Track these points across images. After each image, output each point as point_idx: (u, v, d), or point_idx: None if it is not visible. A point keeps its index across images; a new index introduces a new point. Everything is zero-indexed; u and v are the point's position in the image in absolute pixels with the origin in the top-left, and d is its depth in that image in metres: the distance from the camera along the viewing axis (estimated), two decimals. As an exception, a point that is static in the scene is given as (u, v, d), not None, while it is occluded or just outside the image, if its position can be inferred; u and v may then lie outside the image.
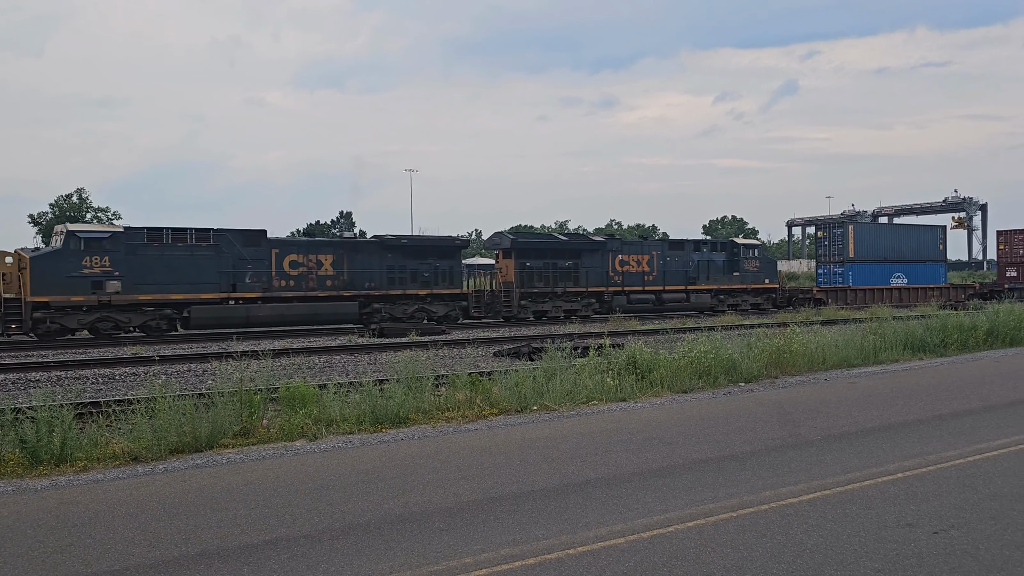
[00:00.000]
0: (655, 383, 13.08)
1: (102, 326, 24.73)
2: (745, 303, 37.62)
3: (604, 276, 34.05)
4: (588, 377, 12.63)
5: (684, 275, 36.14)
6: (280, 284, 27.41)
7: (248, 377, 11.01)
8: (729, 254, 37.97)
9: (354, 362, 18.20)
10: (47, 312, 23.88)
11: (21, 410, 8.82)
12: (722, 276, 37.24)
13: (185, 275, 25.59)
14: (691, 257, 36.66)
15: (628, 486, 7.39)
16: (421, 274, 29.99)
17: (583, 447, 9.05)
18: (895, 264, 43.81)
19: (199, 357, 18.80)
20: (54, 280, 23.86)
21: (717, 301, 36.95)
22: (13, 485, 7.70)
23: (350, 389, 11.40)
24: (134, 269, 24.87)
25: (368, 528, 6.23)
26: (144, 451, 8.70)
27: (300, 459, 8.71)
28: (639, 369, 13.36)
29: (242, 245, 26.90)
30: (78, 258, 24.28)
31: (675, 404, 12.12)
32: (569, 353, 13.85)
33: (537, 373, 12.40)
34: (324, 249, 28.77)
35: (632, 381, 12.91)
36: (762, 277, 38.49)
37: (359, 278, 28.84)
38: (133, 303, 24.99)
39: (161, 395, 9.40)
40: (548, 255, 33.16)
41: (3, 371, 16.81)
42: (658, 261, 35.63)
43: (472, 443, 9.41)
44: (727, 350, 14.51)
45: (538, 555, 5.54)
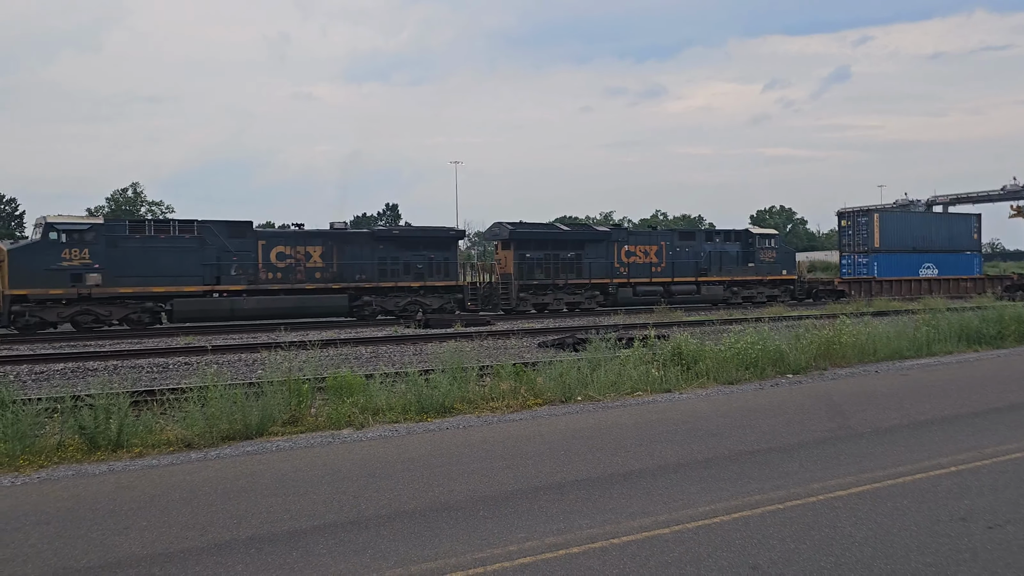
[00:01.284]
0: (701, 374, 12.97)
1: (82, 319, 24.41)
2: (761, 295, 36.54)
3: (608, 267, 33.23)
4: (633, 368, 12.57)
5: (695, 266, 35.19)
6: (267, 276, 27.01)
7: (296, 367, 11.21)
8: (744, 244, 36.85)
9: (400, 352, 18.38)
10: (26, 305, 23.64)
11: (80, 397, 9.10)
12: (736, 267, 36.20)
13: (167, 268, 25.26)
14: (703, 248, 35.66)
15: (673, 477, 7.35)
16: (415, 266, 29.43)
17: (628, 437, 9.03)
18: (924, 254, 41.94)
19: (249, 347, 19.18)
20: (33, 273, 23.57)
21: (730, 293, 35.91)
22: (73, 469, 7.96)
23: (396, 379, 11.53)
24: (114, 261, 24.55)
25: (414, 515, 6.31)
26: (197, 438, 8.92)
27: (347, 447, 8.84)
28: (684, 360, 13.26)
29: (227, 237, 26.52)
30: (57, 250, 23.97)
31: (721, 395, 12.01)
32: (614, 344, 13.79)
33: (582, 364, 12.39)
34: (313, 240, 28.10)
35: (677, 372, 12.82)
36: (779, 268, 37.31)
37: (349, 270, 28.34)
38: (113, 296, 24.67)
39: (213, 384, 9.61)
40: (549, 246, 32.42)
41: (63, 360, 17.37)
42: (667, 252, 34.74)
43: (516, 432, 9.45)
44: (774, 341, 14.32)
45: (582, 544, 5.55)
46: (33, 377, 14.92)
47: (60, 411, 8.97)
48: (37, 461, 8.10)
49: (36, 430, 8.53)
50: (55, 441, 8.57)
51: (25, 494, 7.12)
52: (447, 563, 5.25)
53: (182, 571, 5.21)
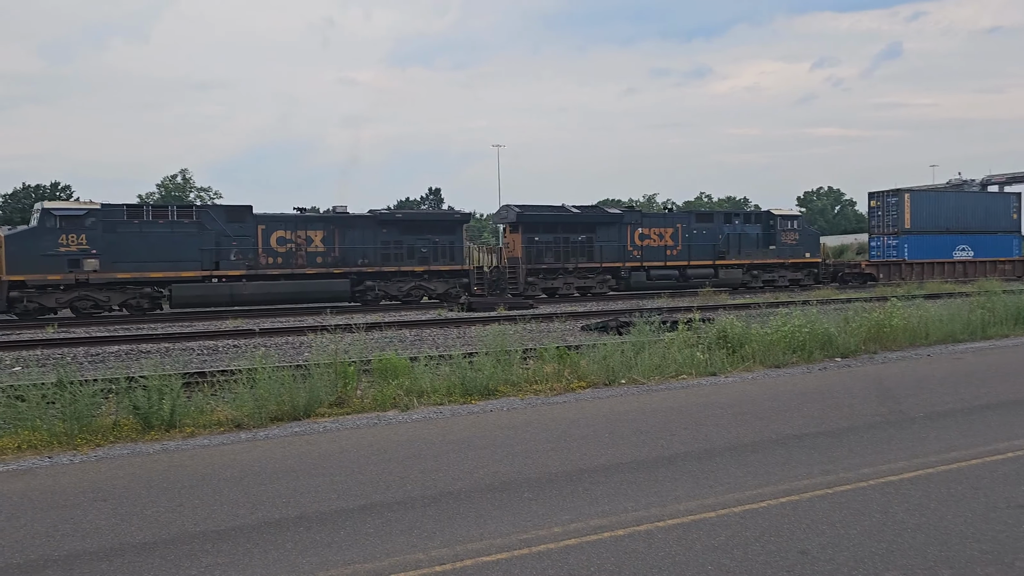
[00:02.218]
0: (747, 357, 12.82)
1: (81, 305, 24.52)
2: (783, 279, 35.55)
3: (621, 250, 32.46)
4: (677, 351, 12.48)
5: (712, 249, 34.28)
6: (267, 261, 26.81)
7: (342, 349, 11.34)
8: (765, 226, 35.81)
9: (443, 335, 18.49)
10: (24, 291, 23.80)
11: (135, 379, 9.33)
12: (756, 250, 35.19)
13: (165, 253, 25.17)
14: (721, 230, 34.71)
15: (719, 460, 7.28)
16: (419, 250, 29.02)
17: (672, 420, 8.97)
18: (959, 235, 40.01)
19: (296, 330, 19.48)
20: (30, 259, 23.65)
21: (750, 277, 34.96)
22: (128, 448, 8.19)
23: (440, 361, 11.60)
24: (112, 247, 24.56)
25: (459, 496, 6.35)
26: (246, 418, 9.10)
27: (392, 428, 8.93)
28: (730, 343, 13.12)
29: (226, 221, 26.44)
30: (54, 236, 24.02)
31: (768, 379, 11.85)
32: (658, 327, 13.70)
33: (625, 347, 12.33)
34: (314, 225, 27.92)
35: (723, 355, 12.69)
36: (802, 251, 36.17)
37: (351, 254, 28.04)
38: (111, 281, 24.70)
39: (261, 366, 9.79)
40: (559, 229, 31.67)
41: (117, 343, 17.85)
42: (683, 234, 33.88)
43: (560, 415, 9.45)
44: (822, 324, 14.07)
45: (627, 526, 5.54)
46: (89, 359, 15.36)
47: (115, 392, 9.21)
48: (94, 440, 8.35)
49: (93, 410, 8.77)
50: (111, 421, 8.82)
51: (83, 472, 7.34)
52: (492, 543, 5.28)
53: (234, 548, 5.32)
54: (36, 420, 8.44)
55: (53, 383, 8.90)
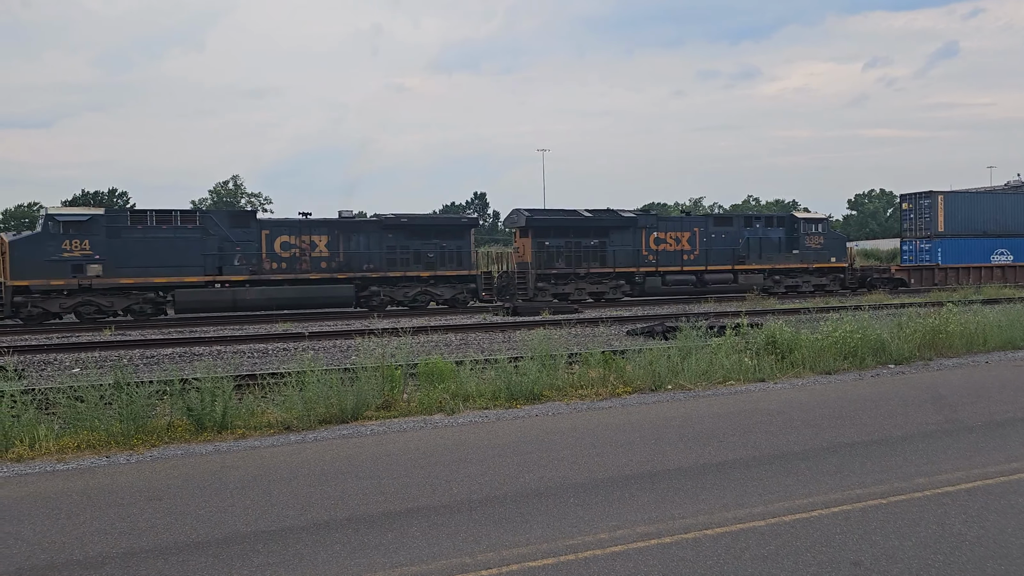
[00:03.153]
0: (796, 363, 12.61)
1: (84, 310, 24.54)
2: (807, 284, 34.30)
3: (635, 255, 31.51)
4: (725, 356, 12.33)
5: (732, 253, 33.07)
6: (271, 266, 26.60)
7: (389, 353, 11.45)
8: (788, 230, 34.61)
9: (489, 339, 18.55)
10: (28, 296, 23.87)
11: (188, 381, 9.55)
12: (778, 254, 33.95)
13: (168, 258, 25.12)
14: (741, 233, 33.59)
15: (768, 468, 7.17)
16: (425, 255, 28.47)
17: (720, 427, 8.86)
18: (998, 239, 37.92)
19: (344, 334, 19.72)
20: (34, 264, 23.70)
21: (772, 282, 33.69)
22: (182, 449, 8.38)
23: (485, 366, 11.64)
24: (115, 252, 24.53)
25: (505, 501, 6.36)
26: (295, 421, 9.24)
27: (438, 432, 8.99)
28: (779, 349, 12.93)
29: (229, 227, 26.35)
30: (58, 241, 24.07)
31: (818, 385, 11.64)
32: (705, 332, 13.55)
33: (671, 352, 12.23)
34: (318, 229, 27.52)
35: (771, 361, 12.51)
36: (827, 255, 34.74)
37: (356, 259, 27.70)
38: (115, 286, 24.68)
39: (310, 369, 9.93)
40: (570, 233, 30.87)
41: (171, 345, 18.28)
42: (700, 238, 32.77)
43: (606, 420, 9.41)
44: (874, 330, 13.78)
45: (674, 534, 5.49)
46: (144, 361, 15.75)
47: (169, 394, 9.44)
48: (149, 440, 8.56)
49: (148, 411, 9.00)
50: (165, 422, 9.04)
51: (139, 471, 7.54)
52: (538, 548, 5.28)
53: (283, 548, 5.41)
54: (95, 420, 8.69)
55: (110, 384, 9.15)
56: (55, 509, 6.36)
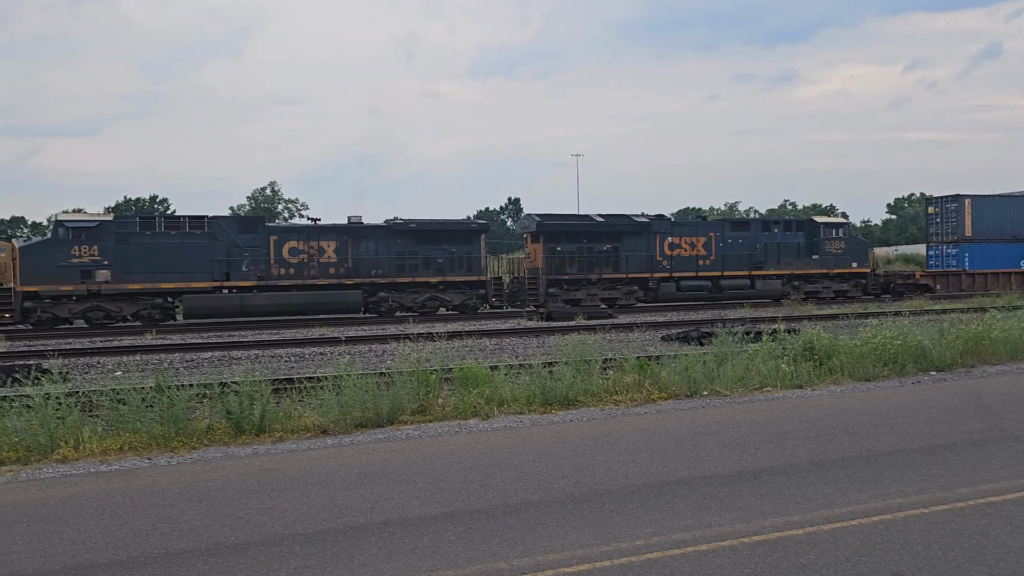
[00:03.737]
0: (834, 370, 12.44)
1: (93, 315, 24.90)
2: (827, 290, 33.57)
3: (649, 261, 31.21)
4: (762, 362, 12.20)
5: (749, 259, 32.54)
6: (279, 272, 26.71)
7: (424, 358, 11.52)
8: (808, 235, 33.91)
9: (523, 344, 18.56)
10: (37, 301, 24.27)
11: (227, 384, 9.69)
12: (797, 260, 33.26)
13: (177, 263, 25.33)
14: (758, 238, 32.97)
15: (806, 476, 7.08)
16: (434, 260, 28.43)
17: (757, 434, 8.77)
18: None
19: (379, 338, 19.88)
20: (43, 269, 24.11)
21: (791, 288, 32.99)
22: (221, 451, 8.51)
23: (520, 370, 11.65)
24: (124, 258, 24.85)
25: (540, 506, 6.36)
26: (332, 424, 9.33)
27: (473, 436, 9.02)
28: (817, 355, 12.76)
29: (237, 232, 26.54)
30: (67, 247, 24.47)
31: (857, 392, 11.47)
32: (741, 338, 13.42)
33: (707, 358, 12.13)
34: (327, 235, 27.70)
35: (809, 368, 12.35)
36: (848, 260, 33.92)
37: (365, 265, 27.72)
38: (123, 292, 24.95)
39: (346, 373, 10.03)
40: (582, 238, 30.69)
41: (210, 349, 18.57)
42: (716, 244, 32.30)
43: (641, 426, 9.36)
44: (915, 336, 13.54)
45: (711, 541, 5.44)
46: (184, 364, 16.03)
47: (209, 397, 9.59)
48: (190, 443, 8.71)
49: (188, 414, 9.16)
50: (205, 425, 9.19)
51: (180, 473, 7.67)
52: (573, 555, 5.27)
53: (321, 551, 5.47)
54: (137, 423, 8.87)
55: (152, 387, 9.33)
56: (99, 510, 6.50)
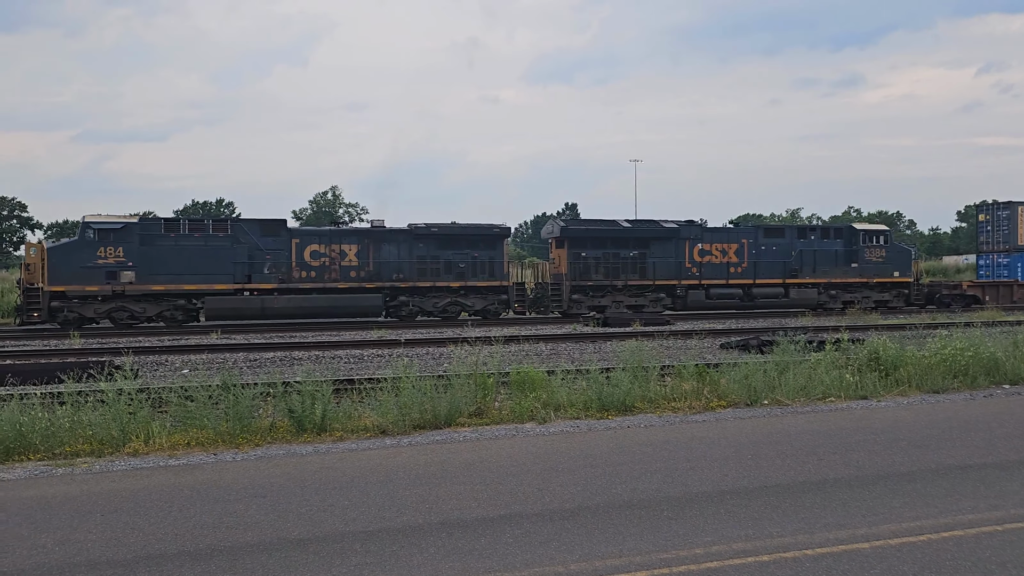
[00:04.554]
0: (901, 381, 12.09)
1: (118, 316, 25.30)
2: (866, 300, 31.98)
3: (677, 267, 30.34)
4: (825, 372, 11.94)
5: (783, 267, 31.34)
6: (301, 275, 26.74)
7: (481, 361, 11.57)
8: (847, 242, 32.48)
9: (579, 350, 18.51)
10: (64, 301, 24.71)
11: (290, 384, 9.90)
12: (835, 268, 31.84)
13: (199, 265, 25.61)
14: (794, 245, 31.73)
15: (872, 488, 6.90)
16: (456, 265, 28.11)
17: (820, 444, 8.58)
18: None
19: (437, 341, 20.05)
20: (70, 270, 24.58)
21: (828, 297, 31.73)
22: (284, 449, 8.69)
23: (577, 376, 11.63)
24: (148, 259, 25.24)
25: (597, 511, 6.34)
26: (391, 425, 9.45)
27: (530, 440, 9.03)
28: (883, 366, 12.42)
29: (260, 235, 26.65)
30: (93, 248, 24.91)
31: (925, 404, 11.13)
32: (803, 347, 13.14)
33: (768, 366, 11.92)
34: (348, 239, 27.70)
35: (875, 378, 12.03)
36: (889, 269, 32.37)
37: (386, 269, 27.61)
38: (147, 293, 25.39)
39: (405, 375, 10.14)
40: (608, 244, 29.96)
41: (272, 349, 18.98)
42: (749, 251, 31.17)
43: (700, 434, 9.25)
44: (987, 348, 13.08)
45: (772, 552, 5.35)
46: (248, 364, 16.41)
47: (272, 395, 9.81)
48: (253, 440, 8.92)
49: (252, 412, 9.38)
50: (268, 423, 9.40)
51: (245, 469, 7.86)
52: (631, 561, 5.24)
53: (380, 548, 5.54)
54: (204, 419, 9.12)
55: (218, 385, 9.59)
56: (168, 502, 6.70)
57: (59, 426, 8.66)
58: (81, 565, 5.31)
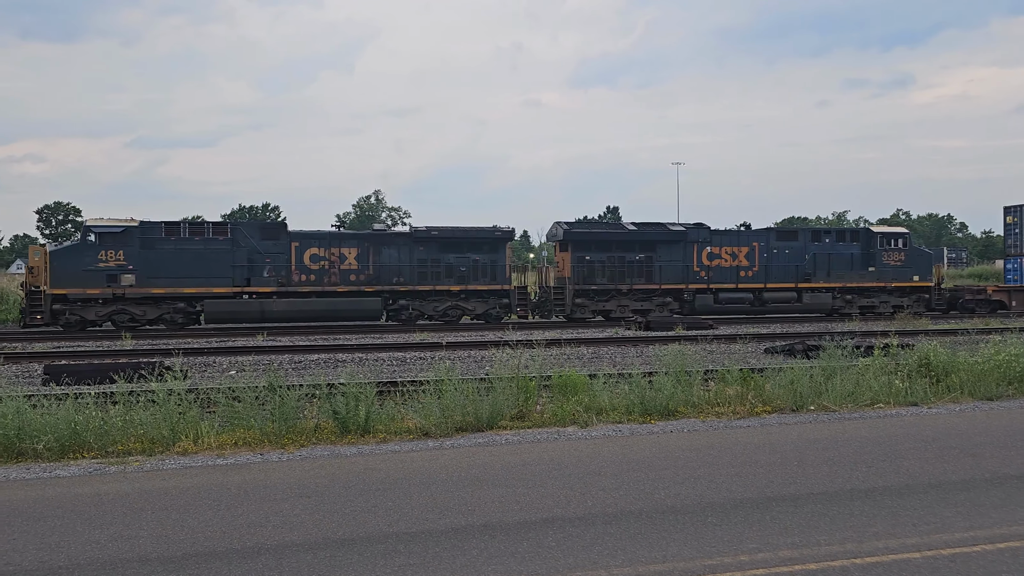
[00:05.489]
0: (953, 387, 11.80)
1: (118, 318, 25.34)
2: (884, 305, 31.06)
3: (685, 271, 29.74)
4: (873, 378, 11.70)
5: (795, 270, 30.61)
6: (300, 278, 26.72)
7: (522, 364, 11.58)
8: (864, 246, 31.54)
9: (621, 354, 18.41)
10: (66, 304, 24.94)
11: (334, 385, 10.01)
12: (850, 272, 30.94)
13: (198, 269, 25.71)
14: (807, 249, 30.87)
15: (922, 497, 6.75)
16: (457, 268, 27.91)
17: (868, 451, 8.41)
18: None
19: (478, 344, 20.11)
20: (72, 273, 24.79)
21: (843, 302, 30.75)
22: (328, 450, 8.80)
23: (619, 379, 11.57)
24: (148, 263, 25.35)
25: (640, 516, 6.30)
26: (433, 427, 9.50)
27: (572, 444, 9.01)
28: (933, 371, 12.13)
29: (260, 239, 26.72)
30: (94, 252, 25.11)
31: (978, 411, 10.84)
32: (851, 352, 12.90)
33: (814, 371, 11.73)
34: (348, 242, 27.59)
35: (925, 384, 11.76)
36: (908, 273, 31.35)
37: (386, 272, 27.49)
38: (147, 296, 25.51)
39: (447, 378, 10.19)
40: (613, 247, 29.54)
41: (317, 352, 19.23)
42: (760, 254, 30.46)
43: (744, 439, 9.13)
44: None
45: (820, 560, 5.26)
46: (293, 366, 16.65)
47: (317, 397, 9.93)
48: (299, 440, 9.04)
49: (298, 413, 9.51)
50: (313, 424, 9.52)
51: (290, 469, 7.97)
52: (675, 567, 5.19)
53: (423, 550, 5.57)
54: (250, 420, 9.27)
55: (264, 387, 9.74)
56: (216, 501, 6.83)
57: (112, 425, 8.88)
58: (133, 561, 5.43)
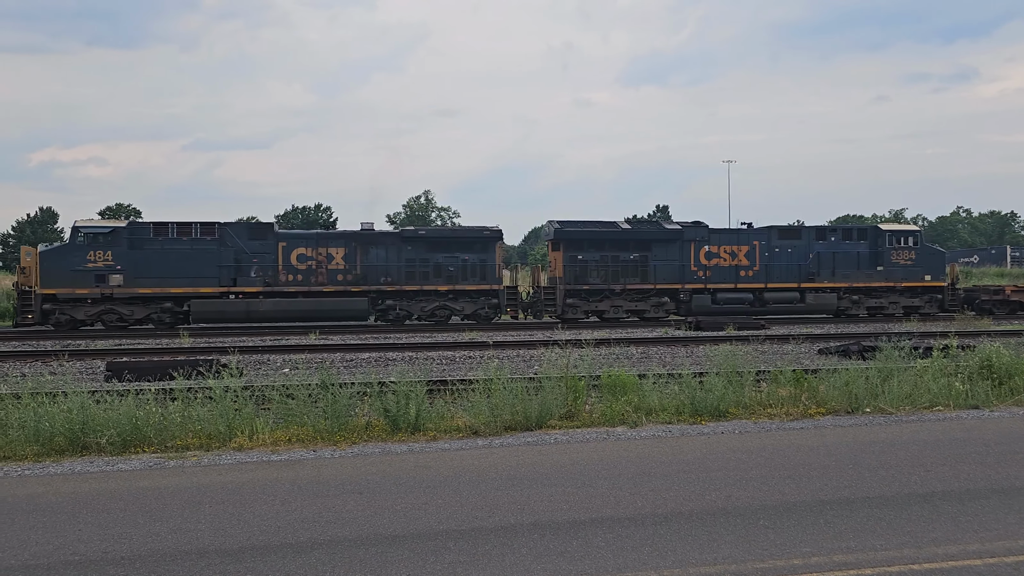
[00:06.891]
0: (1016, 390, 11.45)
1: (107, 318, 25.66)
2: (894, 305, 29.89)
3: (682, 270, 29.06)
4: (932, 380, 11.40)
5: (798, 270, 29.69)
6: (287, 278, 26.78)
7: (571, 364, 11.57)
8: (871, 244, 30.37)
9: (671, 354, 18.27)
10: (55, 304, 25.32)
11: (385, 383, 10.14)
12: (857, 271, 29.91)
13: (185, 269, 25.89)
14: (811, 247, 29.93)
15: (984, 503, 6.56)
16: (446, 268, 27.81)
17: (926, 455, 8.21)
18: None
19: (527, 344, 20.16)
20: (61, 273, 25.20)
21: (849, 303, 29.68)
22: (379, 448, 8.92)
23: (668, 380, 11.48)
24: (136, 263, 25.62)
25: (690, 517, 6.25)
26: (482, 426, 9.56)
27: (621, 444, 8.97)
28: (996, 374, 11.78)
29: (247, 239, 26.80)
30: (83, 252, 25.44)
31: (1044, 416, 10.49)
32: (908, 353, 12.60)
33: (870, 372, 11.49)
34: (335, 242, 27.63)
35: (987, 387, 11.42)
36: (919, 273, 30.26)
37: (373, 272, 27.44)
38: (134, 296, 25.75)
39: (497, 377, 10.24)
40: (606, 246, 28.93)
41: (368, 350, 19.49)
42: (761, 253, 29.63)
43: (797, 441, 8.99)
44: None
45: (876, 566, 5.16)
46: (344, 364, 16.89)
47: (368, 395, 10.07)
48: (350, 438, 9.18)
49: (349, 410, 9.67)
50: (364, 421, 9.66)
51: (342, 466, 8.11)
52: (727, 569, 5.15)
53: (473, 548, 5.62)
54: (304, 417, 9.45)
55: (317, 384, 9.91)
56: (271, 496, 6.98)
57: (171, 420, 9.13)
58: (192, 553, 5.59)
